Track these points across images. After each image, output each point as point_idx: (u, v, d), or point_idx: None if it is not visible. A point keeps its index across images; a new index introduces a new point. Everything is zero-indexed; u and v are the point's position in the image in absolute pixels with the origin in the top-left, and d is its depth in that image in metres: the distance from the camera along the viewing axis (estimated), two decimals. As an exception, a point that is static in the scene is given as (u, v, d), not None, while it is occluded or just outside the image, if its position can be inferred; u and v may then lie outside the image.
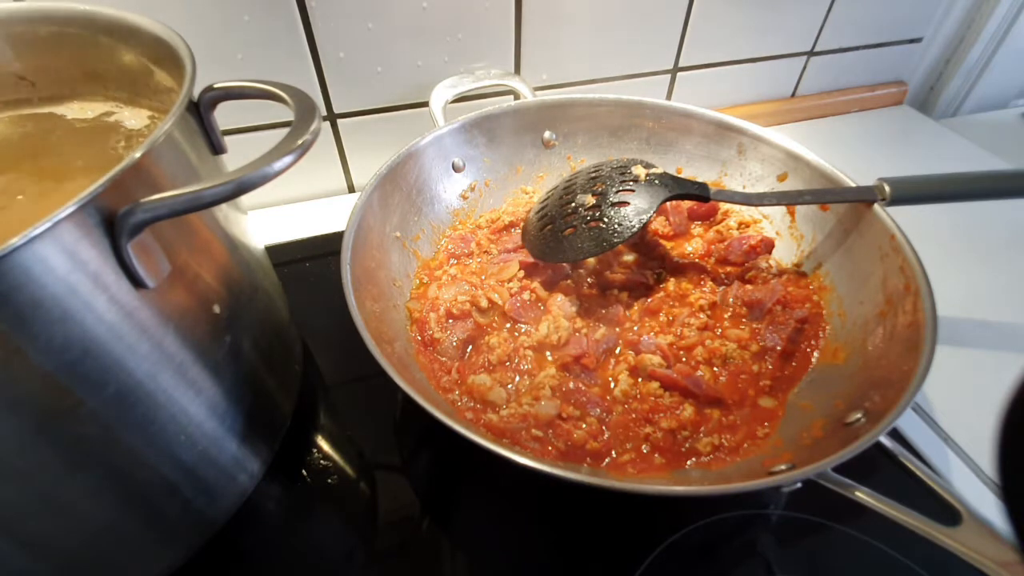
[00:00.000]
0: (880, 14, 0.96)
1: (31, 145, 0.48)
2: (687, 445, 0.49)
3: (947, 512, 0.37)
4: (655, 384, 0.53)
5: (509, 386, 0.54)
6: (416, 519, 0.51)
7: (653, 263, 0.66)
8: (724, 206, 0.72)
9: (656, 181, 0.62)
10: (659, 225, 0.70)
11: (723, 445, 0.49)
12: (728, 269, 0.65)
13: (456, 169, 0.70)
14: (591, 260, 0.65)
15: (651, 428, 0.50)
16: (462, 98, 0.75)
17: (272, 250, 0.65)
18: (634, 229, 0.59)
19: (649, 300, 0.62)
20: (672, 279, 0.64)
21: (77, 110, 0.50)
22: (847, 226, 0.60)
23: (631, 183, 0.62)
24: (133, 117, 0.49)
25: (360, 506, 0.52)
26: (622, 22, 0.83)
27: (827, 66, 1.00)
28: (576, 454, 0.48)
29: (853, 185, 0.60)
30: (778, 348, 0.56)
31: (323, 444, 0.55)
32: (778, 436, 0.50)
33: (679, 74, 0.92)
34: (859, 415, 0.45)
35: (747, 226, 0.70)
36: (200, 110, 0.42)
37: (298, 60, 0.72)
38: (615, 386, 0.54)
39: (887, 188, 0.56)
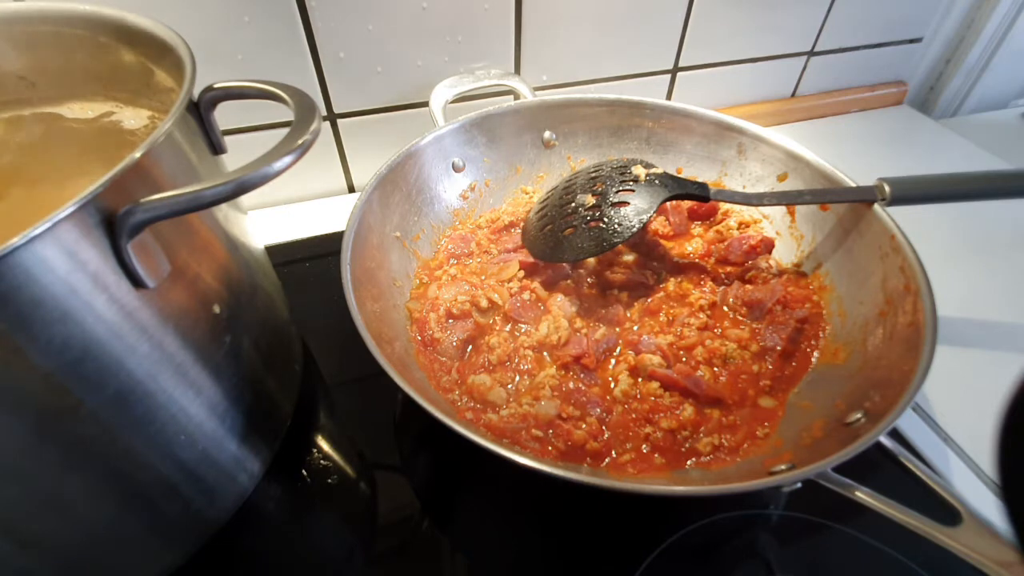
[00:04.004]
0: (880, 14, 0.96)
1: (31, 145, 0.48)
2: (687, 445, 0.49)
3: (947, 512, 0.37)
4: (655, 384, 0.53)
5: (509, 386, 0.54)
6: (416, 519, 0.51)
7: (653, 263, 0.66)
8: (724, 206, 0.72)
9: (656, 181, 0.62)
10: (659, 225, 0.70)
11: (723, 445, 0.49)
12: (728, 269, 0.65)
13: (456, 169, 0.70)
14: (591, 260, 0.65)
15: (651, 428, 0.50)
16: (462, 98, 0.75)
17: (272, 250, 0.65)
18: (634, 229, 0.59)
19: (649, 300, 0.62)
20: (672, 279, 0.64)
21: (77, 110, 0.50)
22: (847, 226, 0.60)
23: (631, 183, 0.62)
24: (133, 117, 0.49)
25: (360, 506, 0.52)
26: (622, 22, 0.83)
27: (827, 66, 1.00)
28: (576, 454, 0.48)
29: (853, 185, 0.60)
30: (778, 348, 0.56)
31: (323, 444, 0.55)
32: (778, 436, 0.50)
33: (679, 74, 0.92)
34: (859, 415, 0.45)
35: (747, 226, 0.70)
36: (200, 110, 0.42)
37: (298, 60, 0.72)
38: (615, 386, 0.54)
39: (887, 188, 0.56)
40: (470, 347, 0.57)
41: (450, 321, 0.58)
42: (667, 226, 0.70)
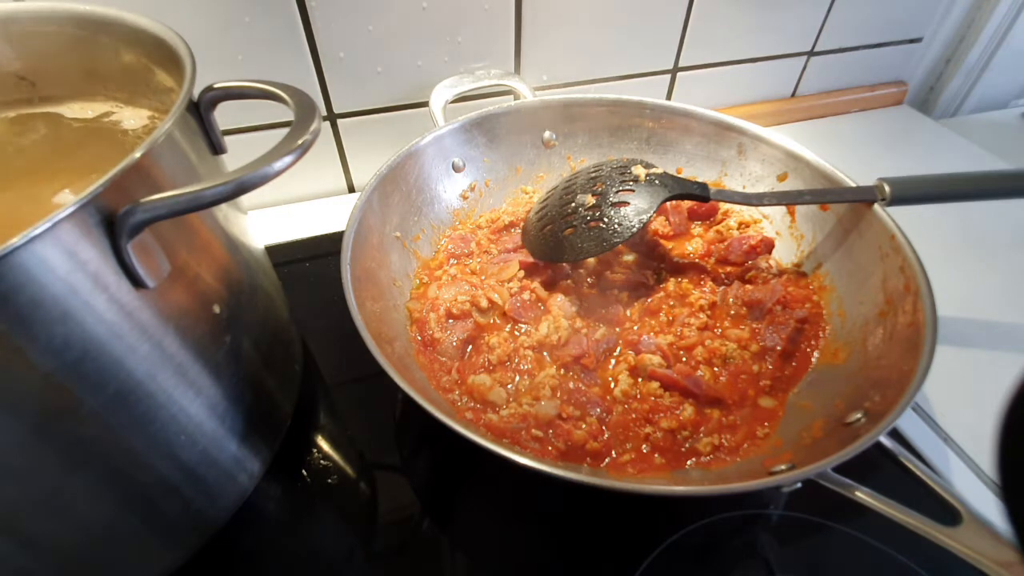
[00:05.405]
0: (880, 14, 0.96)
1: (31, 145, 0.48)
2: (687, 445, 0.49)
3: (947, 512, 0.37)
4: (655, 384, 0.53)
5: (509, 386, 0.54)
6: (416, 519, 0.51)
7: (653, 263, 0.66)
8: (724, 206, 0.72)
9: (656, 181, 0.62)
10: (659, 225, 0.70)
11: (723, 445, 0.49)
12: (728, 269, 0.65)
13: (456, 169, 0.70)
14: (591, 260, 0.65)
15: (651, 428, 0.50)
16: (462, 98, 0.75)
17: (272, 250, 0.65)
18: (634, 229, 0.59)
19: (649, 300, 0.62)
20: (672, 279, 0.64)
21: (77, 110, 0.50)
22: (847, 226, 0.60)
23: (631, 183, 0.62)
24: (133, 117, 0.49)
25: (360, 506, 0.52)
26: (622, 22, 0.83)
27: (827, 66, 1.00)
28: (576, 454, 0.48)
29: (853, 185, 0.60)
30: (778, 348, 0.56)
31: (323, 444, 0.55)
32: (778, 436, 0.50)
33: (679, 74, 0.92)
34: (859, 415, 0.45)
35: (747, 226, 0.70)
36: (200, 110, 0.42)
37: (298, 60, 0.72)
38: (615, 386, 0.54)
39: (887, 188, 0.56)
40: (470, 347, 0.57)
41: (450, 321, 0.58)
42: (667, 226, 0.70)
